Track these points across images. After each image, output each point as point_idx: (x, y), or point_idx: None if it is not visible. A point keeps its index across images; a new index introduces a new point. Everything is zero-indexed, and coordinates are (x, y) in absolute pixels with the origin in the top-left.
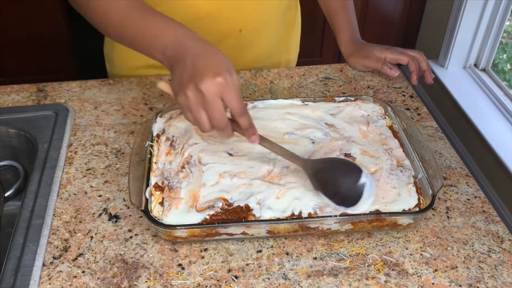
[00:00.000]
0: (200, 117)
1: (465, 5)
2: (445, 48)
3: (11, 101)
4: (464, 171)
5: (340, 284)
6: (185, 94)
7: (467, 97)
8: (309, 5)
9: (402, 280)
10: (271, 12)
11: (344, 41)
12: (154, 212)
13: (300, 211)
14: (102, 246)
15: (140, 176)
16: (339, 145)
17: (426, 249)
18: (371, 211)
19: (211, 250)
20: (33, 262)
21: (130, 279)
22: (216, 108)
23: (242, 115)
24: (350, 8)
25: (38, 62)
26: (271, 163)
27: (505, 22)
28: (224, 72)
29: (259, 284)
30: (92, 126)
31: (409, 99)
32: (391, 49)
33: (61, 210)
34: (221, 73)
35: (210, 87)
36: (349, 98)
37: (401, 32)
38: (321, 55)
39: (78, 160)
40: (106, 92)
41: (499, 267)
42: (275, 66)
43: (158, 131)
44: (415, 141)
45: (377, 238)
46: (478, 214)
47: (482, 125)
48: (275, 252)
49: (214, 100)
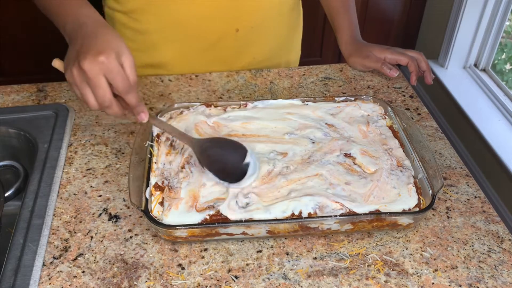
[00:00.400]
0: (85, 93)
1: (465, 5)
2: (445, 48)
3: (11, 101)
4: (464, 171)
5: (340, 284)
6: (71, 71)
7: (467, 97)
8: (309, 5)
9: (402, 280)
10: (269, 12)
11: (344, 41)
12: (154, 212)
13: (300, 211)
14: (102, 246)
15: (140, 176)
16: (339, 145)
17: (426, 249)
18: (371, 211)
19: (211, 250)
20: (33, 262)
21: (130, 279)
22: (97, 86)
23: (128, 92)
24: (352, 8)
25: (38, 62)
26: (271, 163)
27: (505, 22)
28: (108, 52)
29: (259, 284)
30: (92, 126)
31: (409, 99)
32: (391, 50)
33: (61, 210)
34: (104, 53)
35: (91, 66)
36: (349, 98)
37: (401, 32)
38: (321, 55)
39: (78, 160)
40: None
41: (499, 267)
42: (275, 67)
43: (158, 131)
44: (415, 141)
45: (377, 238)
46: (478, 214)
47: (482, 125)
48: (275, 252)
49: (96, 78)
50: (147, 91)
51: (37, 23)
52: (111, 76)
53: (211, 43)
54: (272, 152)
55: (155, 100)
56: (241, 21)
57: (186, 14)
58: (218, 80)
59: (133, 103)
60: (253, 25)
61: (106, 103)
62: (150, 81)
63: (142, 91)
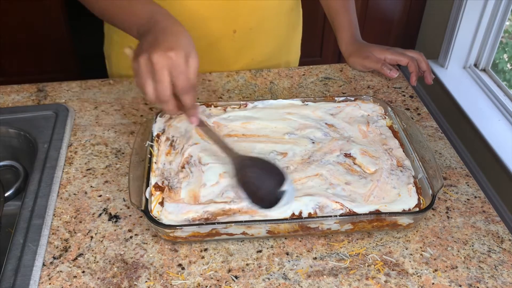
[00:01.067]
0: (146, 85)
1: (465, 5)
2: (445, 48)
3: (11, 101)
4: (464, 171)
5: (340, 284)
6: (138, 60)
7: (467, 97)
8: (309, 5)
9: (402, 280)
10: (267, 13)
11: (344, 41)
12: (154, 212)
13: (300, 211)
14: (102, 246)
15: (140, 176)
16: (339, 145)
17: (426, 249)
18: (371, 211)
19: (211, 250)
20: (33, 262)
21: (130, 279)
22: (161, 81)
23: (186, 93)
24: (351, 8)
25: (38, 62)
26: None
27: (505, 22)
28: (178, 49)
29: (259, 284)
30: (92, 126)
31: (409, 99)
32: (391, 50)
33: (61, 210)
34: (175, 49)
35: (160, 59)
36: (349, 98)
37: (401, 32)
38: (321, 55)
39: (78, 160)
40: (106, 92)
41: (499, 267)
42: (274, 68)
43: (158, 131)
44: (415, 141)
45: (377, 238)
46: (478, 214)
47: (482, 125)
48: (275, 252)
49: (161, 72)
50: None
51: (37, 23)
52: (176, 73)
53: (208, 44)
54: (272, 152)
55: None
56: (239, 22)
57: (182, 14)
58: (218, 80)
59: (188, 104)
60: (252, 27)
61: (165, 98)
62: None
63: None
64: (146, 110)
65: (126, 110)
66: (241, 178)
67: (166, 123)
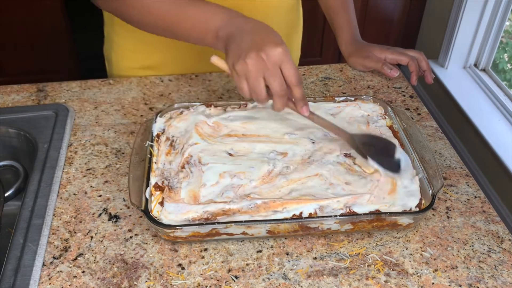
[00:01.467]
0: (258, 84)
1: (465, 5)
2: (445, 48)
3: (11, 101)
4: (464, 171)
5: (340, 284)
6: (245, 62)
7: (467, 97)
8: (309, 5)
9: (402, 280)
10: (267, 13)
11: (344, 41)
12: (154, 212)
13: (300, 211)
14: (102, 246)
15: (140, 176)
16: (339, 145)
17: (426, 249)
18: (371, 211)
19: (211, 250)
20: (33, 262)
21: (130, 279)
22: (275, 75)
23: (298, 85)
24: (350, 8)
25: (38, 62)
26: (271, 163)
27: (505, 22)
28: (283, 44)
29: (259, 284)
30: (92, 126)
31: (409, 99)
32: (391, 50)
33: (61, 210)
34: (281, 44)
35: (273, 55)
36: (349, 98)
37: (401, 32)
38: (321, 55)
39: (78, 160)
40: (106, 92)
41: (499, 267)
42: None
43: (158, 131)
44: (415, 141)
45: (377, 238)
46: (478, 214)
47: (482, 125)
48: (275, 252)
49: (275, 67)
50: (147, 91)
51: (37, 23)
52: (288, 66)
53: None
54: (272, 152)
55: (155, 100)
56: None
57: None
58: (218, 80)
59: (300, 97)
60: None
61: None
62: (150, 81)
63: (142, 91)
64: (146, 110)
65: (126, 110)
66: (367, 152)
67: (166, 123)
